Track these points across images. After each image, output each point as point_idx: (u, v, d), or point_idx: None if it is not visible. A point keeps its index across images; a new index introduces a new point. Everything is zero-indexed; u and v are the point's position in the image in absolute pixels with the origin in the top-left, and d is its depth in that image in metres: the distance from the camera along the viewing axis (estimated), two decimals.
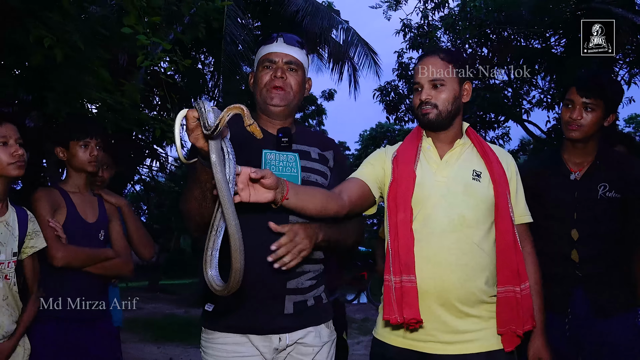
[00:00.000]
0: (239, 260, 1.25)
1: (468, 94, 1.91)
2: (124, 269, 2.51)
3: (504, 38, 9.09)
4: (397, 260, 1.74)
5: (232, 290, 1.29)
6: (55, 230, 2.27)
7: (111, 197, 2.60)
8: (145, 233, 2.81)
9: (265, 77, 1.84)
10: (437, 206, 1.78)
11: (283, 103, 1.82)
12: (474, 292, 1.74)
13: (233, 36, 8.10)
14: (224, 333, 1.73)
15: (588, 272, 2.14)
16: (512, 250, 1.77)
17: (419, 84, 1.87)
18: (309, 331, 1.79)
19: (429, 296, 1.74)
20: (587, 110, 2.17)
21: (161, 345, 7.02)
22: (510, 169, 1.90)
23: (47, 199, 2.33)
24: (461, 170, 1.84)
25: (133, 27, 3.04)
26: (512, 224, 1.80)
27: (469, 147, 1.92)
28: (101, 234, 2.47)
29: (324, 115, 17.65)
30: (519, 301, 1.75)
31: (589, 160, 2.23)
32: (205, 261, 1.36)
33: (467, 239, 1.76)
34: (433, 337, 1.75)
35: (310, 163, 1.85)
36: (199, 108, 1.31)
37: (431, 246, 1.75)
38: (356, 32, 10.20)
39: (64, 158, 2.45)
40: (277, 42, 1.85)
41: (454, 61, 1.87)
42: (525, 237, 1.90)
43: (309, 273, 1.79)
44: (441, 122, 1.86)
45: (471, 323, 1.75)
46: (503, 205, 1.79)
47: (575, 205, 2.17)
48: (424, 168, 1.85)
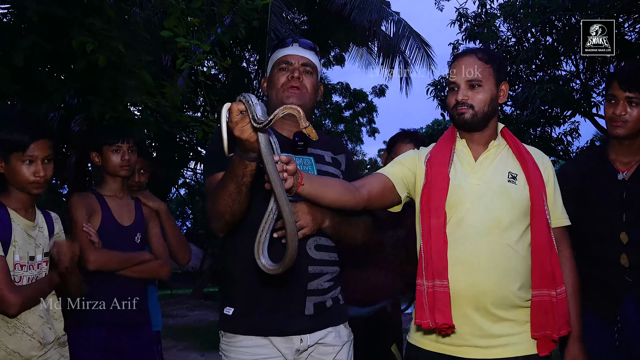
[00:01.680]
0: (294, 240, 1.47)
1: (504, 94, 1.97)
2: (162, 271, 2.66)
3: (571, 25, 8.87)
4: (430, 265, 1.82)
5: (286, 267, 1.51)
6: (89, 235, 2.45)
7: (149, 201, 2.78)
8: (182, 239, 2.97)
9: (281, 78, 1.97)
10: (472, 209, 1.86)
11: (300, 102, 1.93)
12: (508, 295, 1.81)
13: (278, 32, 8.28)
14: (245, 336, 1.84)
15: (639, 278, 2.13)
16: (547, 253, 1.83)
17: (455, 84, 1.93)
18: (329, 331, 1.91)
19: (463, 300, 1.82)
20: (632, 105, 2.17)
21: (205, 353, 7.29)
22: (547, 170, 1.95)
23: (83, 204, 2.52)
24: (496, 172, 1.91)
25: (173, 30, 3.26)
26: (547, 226, 1.85)
27: (504, 149, 1.98)
28: (137, 237, 2.63)
29: (375, 112, 17.68)
30: (554, 305, 1.80)
31: (637, 159, 2.23)
32: (258, 242, 1.57)
33: (502, 241, 1.82)
34: (467, 342, 1.83)
35: (324, 167, 1.97)
36: (245, 101, 1.46)
37: (465, 249, 1.83)
38: (408, 24, 10.23)
39: (99, 163, 2.65)
40: (293, 46, 2.00)
41: (492, 61, 1.93)
42: (563, 241, 1.95)
43: (327, 274, 1.92)
44: (477, 123, 1.92)
45: (506, 327, 1.82)
46: (539, 207, 1.85)
47: (624, 206, 2.17)
48: (458, 170, 1.93)
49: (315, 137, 1.49)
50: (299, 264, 1.81)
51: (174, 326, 9.00)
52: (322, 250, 1.92)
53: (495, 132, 1.99)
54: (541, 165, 1.95)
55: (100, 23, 3.16)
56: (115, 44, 3.20)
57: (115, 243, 2.54)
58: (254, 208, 1.75)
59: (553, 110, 9.69)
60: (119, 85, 3.66)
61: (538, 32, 9.25)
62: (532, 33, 9.36)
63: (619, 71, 2.23)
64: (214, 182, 1.81)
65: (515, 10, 9.27)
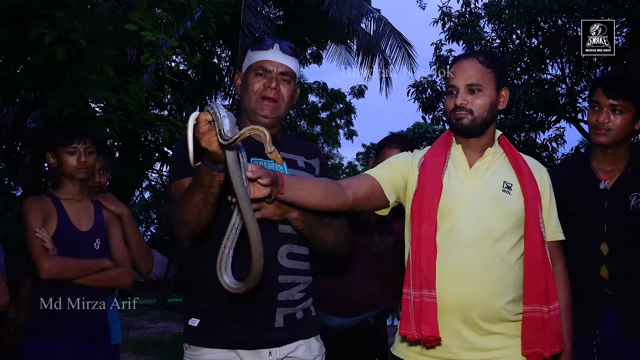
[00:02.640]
0: (259, 260, 1.47)
1: (505, 101, 2.00)
2: (123, 280, 2.62)
3: (557, 27, 9.06)
4: (418, 274, 1.84)
5: (250, 287, 1.52)
6: (43, 241, 2.41)
7: (111, 204, 2.74)
8: (145, 246, 2.93)
9: (257, 84, 1.96)
10: (464, 217, 1.88)
11: (273, 115, 1.96)
12: (497, 309, 1.83)
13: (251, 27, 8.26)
14: (211, 349, 1.84)
15: (619, 291, 2.19)
16: (540, 267, 1.86)
17: (454, 87, 1.95)
18: (299, 344, 1.92)
19: (450, 311, 1.84)
20: (616, 113, 2.22)
21: None
22: (543, 182, 1.99)
23: (37, 208, 2.48)
24: (491, 180, 1.94)
25: (138, 23, 3.24)
26: (541, 239, 1.89)
27: (500, 157, 2.01)
28: (97, 243, 2.59)
29: (354, 114, 17.70)
30: (545, 322, 1.83)
31: (620, 167, 2.28)
32: (220, 259, 1.57)
33: (493, 252, 1.85)
34: (454, 355, 1.85)
35: (297, 172, 1.97)
36: (213, 113, 1.45)
37: (455, 259, 1.85)
38: (389, 22, 10.30)
39: (54, 164, 2.60)
40: (273, 50, 1.96)
41: (494, 66, 1.95)
42: (557, 256, 1.99)
43: (299, 285, 1.92)
44: (475, 129, 1.94)
45: (495, 341, 1.85)
46: (533, 219, 1.88)
47: (605, 217, 2.22)
48: (452, 177, 1.95)
49: (280, 162, 1.50)
50: (269, 273, 1.81)
51: (134, 339, 8.88)
52: (294, 259, 1.92)
53: (492, 139, 2.01)
54: (537, 176, 1.98)
55: (60, 13, 3.12)
56: (76, 36, 3.17)
57: (72, 250, 2.50)
58: (224, 218, 1.73)
59: (538, 115, 9.86)
60: (80, 80, 3.61)
61: (523, 34, 9.40)
62: (517, 34, 9.51)
63: (604, 77, 2.28)
64: (180, 189, 1.80)
65: (500, 10, 9.40)
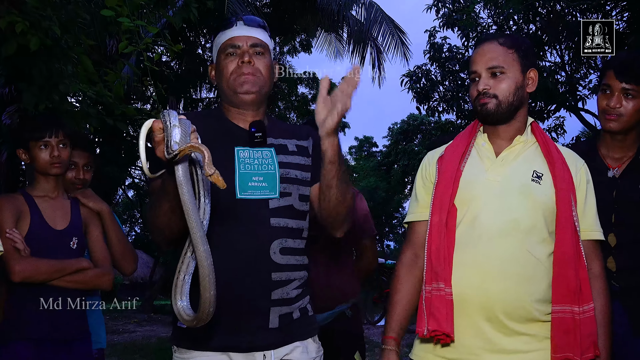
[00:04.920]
0: (209, 289, 1.32)
1: (534, 83, 1.94)
2: (102, 281, 2.56)
3: (555, 12, 9.06)
4: (430, 267, 1.82)
5: (201, 322, 1.39)
6: (14, 242, 2.35)
7: (89, 201, 2.68)
8: (128, 244, 2.88)
9: (230, 65, 1.89)
10: (487, 208, 1.83)
11: (254, 89, 1.88)
12: (523, 306, 1.77)
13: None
14: (201, 352, 1.79)
15: (627, 284, 2.17)
16: (572, 264, 1.78)
17: (476, 73, 1.91)
18: (295, 346, 1.86)
19: (471, 308, 1.78)
20: (628, 98, 2.18)
21: None
22: (579, 175, 1.91)
23: (8, 207, 2.43)
24: (519, 169, 1.88)
25: (115, 9, 3.18)
26: (575, 235, 1.81)
27: (532, 146, 1.94)
28: (73, 242, 2.54)
29: None
30: (577, 324, 1.75)
31: (630, 155, 2.25)
32: (175, 285, 1.44)
33: (520, 245, 1.79)
34: (477, 357, 1.79)
35: (288, 157, 1.92)
36: (164, 122, 1.36)
37: (477, 252, 1.80)
38: (380, 9, 10.28)
39: (26, 160, 2.55)
40: (237, 26, 1.91)
41: (516, 46, 1.90)
42: (594, 257, 1.90)
43: (294, 281, 1.87)
44: (501, 114, 1.89)
45: (522, 342, 1.78)
46: (566, 212, 1.81)
47: (613, 206, 2.19)
48: (475, 165, 1.91)
49: (223, 186, 1.34)
50: (262, 270, 1.77)
51: (119, 343, 8.83)
52: (288, 254, 1.86)
53: (523, 125, 1.95)
54: (573, 168, 1.90)
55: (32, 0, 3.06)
56: (50, 24, 3.10)
57: (47, 250, 2.45)
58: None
59: (537, 104, 9.88)
60: (55, 72, 3.55)
61: (521, 20, 9.42)
62: (514, 20, 9.52)
63: (616, 59, 2.23)
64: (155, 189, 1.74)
65: None
